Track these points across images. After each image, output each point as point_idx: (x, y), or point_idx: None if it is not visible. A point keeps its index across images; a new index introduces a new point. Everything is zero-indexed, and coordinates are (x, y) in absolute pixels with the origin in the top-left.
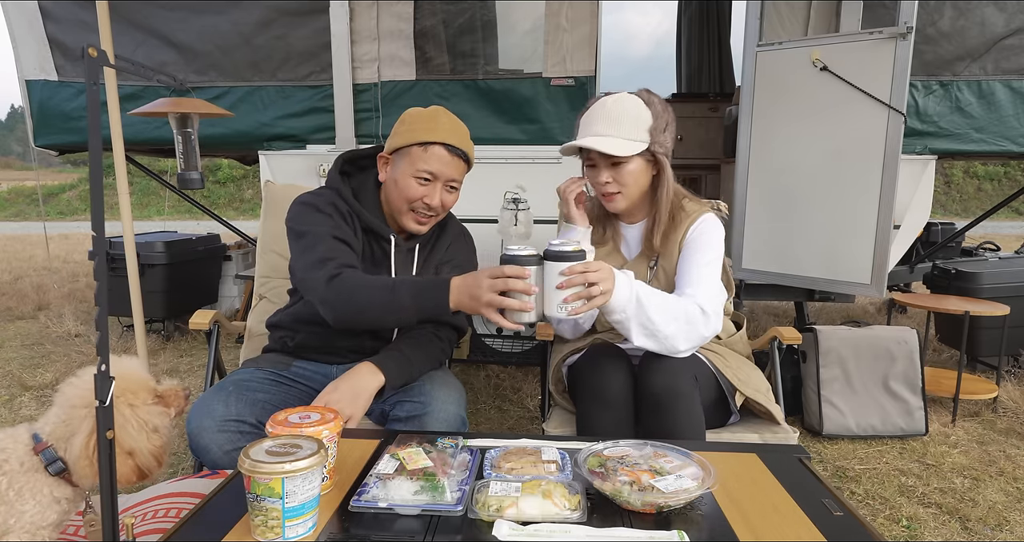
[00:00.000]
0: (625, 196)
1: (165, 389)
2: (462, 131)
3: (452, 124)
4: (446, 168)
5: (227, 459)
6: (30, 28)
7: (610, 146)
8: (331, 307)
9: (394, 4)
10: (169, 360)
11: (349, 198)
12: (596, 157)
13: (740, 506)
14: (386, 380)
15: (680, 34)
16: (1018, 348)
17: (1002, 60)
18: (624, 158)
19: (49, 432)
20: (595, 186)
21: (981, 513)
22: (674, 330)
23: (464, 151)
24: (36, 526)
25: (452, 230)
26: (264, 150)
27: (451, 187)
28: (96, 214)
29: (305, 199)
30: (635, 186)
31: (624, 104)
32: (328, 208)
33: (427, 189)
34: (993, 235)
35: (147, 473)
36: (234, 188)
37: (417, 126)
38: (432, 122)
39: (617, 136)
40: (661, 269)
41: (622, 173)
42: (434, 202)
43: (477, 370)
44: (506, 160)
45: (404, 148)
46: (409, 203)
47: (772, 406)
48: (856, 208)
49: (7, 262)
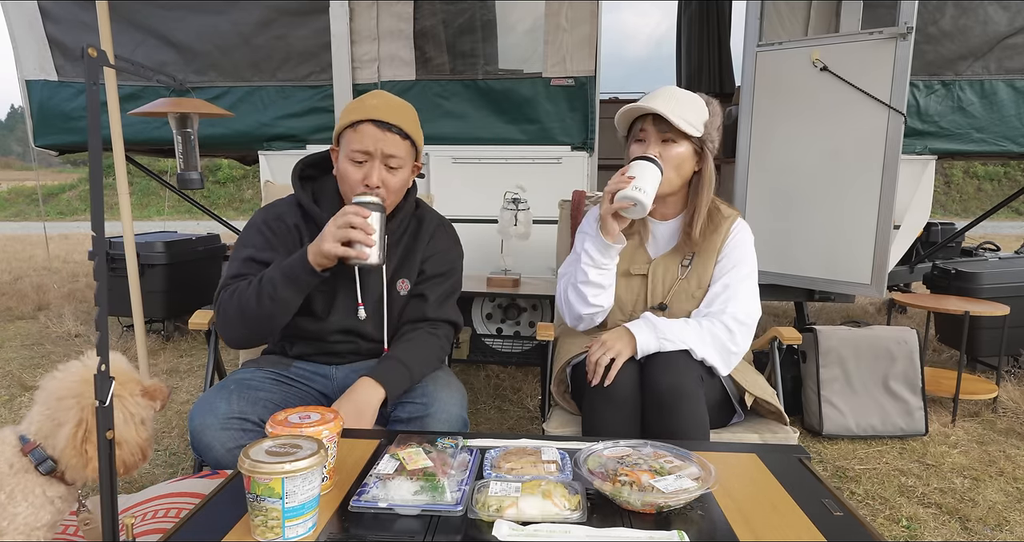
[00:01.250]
0: (669, 181)
1: (150, 384)
2: (397, 108)
3: (383, 101)
4: (378, 144)
5: (230, 457)
6: (30, 28)
7: (673, 115)
8: (220, 326)
9: (394, 4)
10: (169, 360)
11: (308, 205)
12: (649, 130)
13: (740, 506)
14: (387, 393)
15: (680, 34)
16: (1018, 348)
17: (1005, 59)
18: (676, 138)
19: (35, 431)
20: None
21: (981, 513)
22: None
23: (397, 125)
24: (31, 527)
25: (430, 223)
26: (264, 150)
27: (391, 166)
28: (96, 214)
29: (254, 217)
30: (677, 171)
31: (687, 93)
32: (273, 224)
33: (364, 169)
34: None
35: (130, 467)
36: (234, 188)
37: (348, 110)
38: (360, 102)
39: (679, 115)
40: (695, 270)
41: (670, 152)
42: (372, 181)
43: (477, 370)
44: (506, 160)
45: (341, 136)
46: (352, 188)
47: (780, 406)
48: (856, 208)
49: (7, 262)
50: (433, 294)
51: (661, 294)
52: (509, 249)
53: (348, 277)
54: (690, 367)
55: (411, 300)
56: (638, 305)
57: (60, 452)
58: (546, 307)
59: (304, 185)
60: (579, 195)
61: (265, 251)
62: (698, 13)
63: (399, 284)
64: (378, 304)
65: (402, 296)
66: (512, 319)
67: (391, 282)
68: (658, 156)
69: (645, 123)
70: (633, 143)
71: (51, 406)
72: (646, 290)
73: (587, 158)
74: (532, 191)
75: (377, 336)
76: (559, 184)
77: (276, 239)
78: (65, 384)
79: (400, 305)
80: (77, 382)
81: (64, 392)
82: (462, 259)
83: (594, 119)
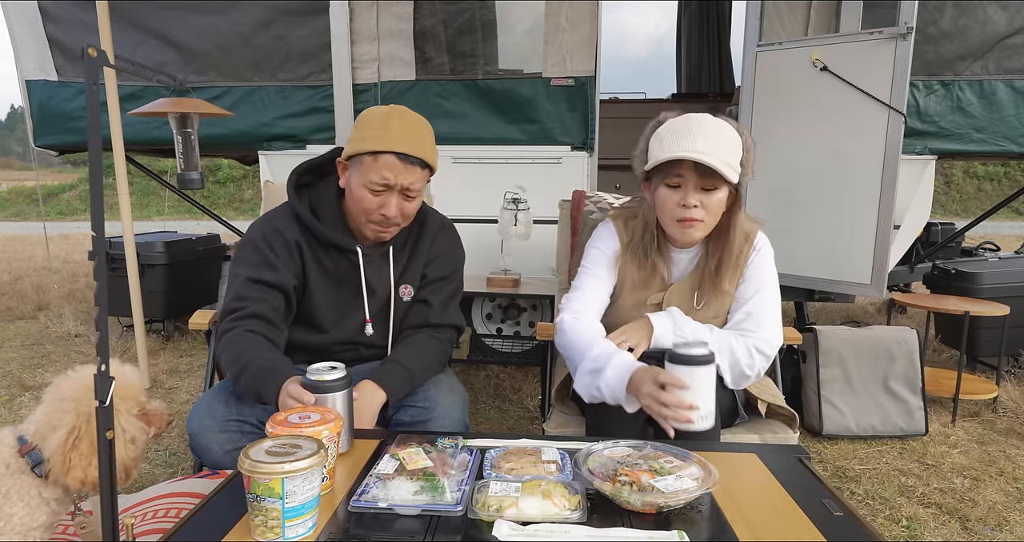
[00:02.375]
0: (706, 226)
1: (152, 408)
2: (418, 135)
3: (404, 129)
4: (399, 177)
5: (228, 459)
6: (30, 28)
7: (723, 166)
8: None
9: (394, 4)
10: (169, 360)
11: (305, 215)
12: (687, 176)
13: (740, 506)
14: (388, 396)
15: (680, 34)
16: (1018, 348)
17: (1004, 59)
18: (717, 184)
19: (33, 432)
20: (672, 209)
21: (981, 513)
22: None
23: (419, 158)
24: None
25: (432, 225)
26: (264, 150)
27: (408, 195)
28: (96, 214)
29: (252, 231)
30: (716, 218)
31: (722, 126)
32: (272, 238)
33: (382, 199)
34: (993, 235)
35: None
36: (234, 188)
37: (368, 134)
38: (383, 129)
39: (723, 160)
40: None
41: (712, 200)
42: (390, 213)
43: (477, 370)
44: (506, 160)
45: (356, 156)
46: (366, 215)
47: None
48: (856, 208)
49: (7, 262)
50: (437, 299)
51: None
52: (509, 249)
53: (355, 292)
54: None
55: (414, 304)
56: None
57: (49, 454)
58: (546, 307)
59: (300, 195)
60: (579, 195)
61: (264, 270)
62: (698, 13)
63: (402, 290)
64: (382, 312)
65: (405, 302)
66: (512, 319)
67: (395, 289)
68: (699, 204)
69: (683, 169)
70: (662, 187)
71: (53, 406)
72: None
73: (587, 158)
74: (532, 191)
75: (381, 342)
76: (559, 184)
77: (275, 256)
78: (72, 385)
79: (403, 310)
80: (83, 386)
81: (68, 393)
82: (463, 261)
83: (594, 119)
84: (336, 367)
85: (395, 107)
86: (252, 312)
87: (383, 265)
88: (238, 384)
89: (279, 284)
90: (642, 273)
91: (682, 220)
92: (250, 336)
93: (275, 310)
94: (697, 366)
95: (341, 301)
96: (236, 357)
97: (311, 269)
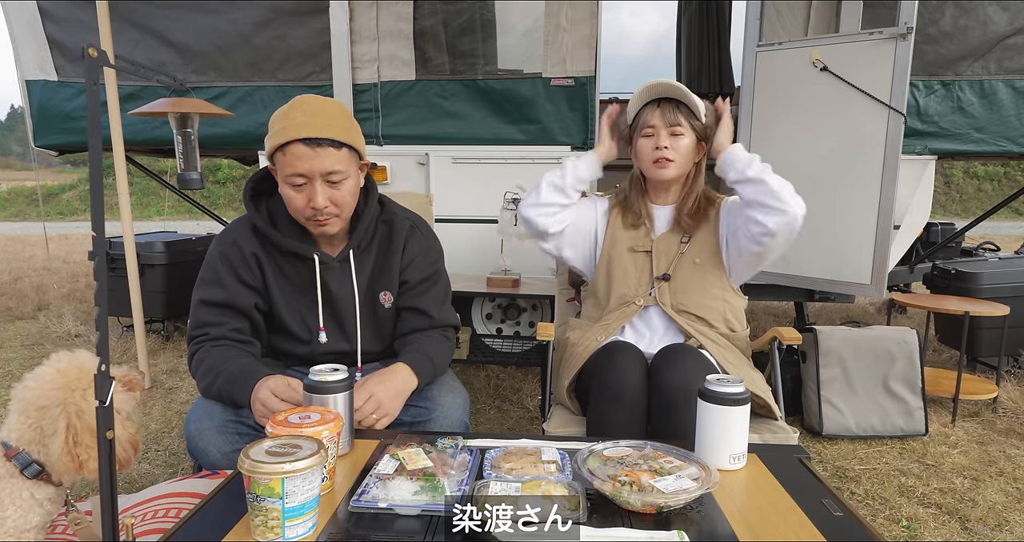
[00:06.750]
0: (676, 165)
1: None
2: (323, 116)
3: (306, 114)
4: (313, 164)
5: (226, 461)
6: (30, 28)
7: (686, 96)
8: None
9: (394, 4)
10: (169, 360)
11: (261, 225)
12: (657, 124)
13: (740, 506)
14: (418, 384)
15: (680, 34)
16: (1018, 348)
17: (1005, 59)
18: (683, 131)
19: (16, 438)
20: (649, 154)
21: (981, 513)
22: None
23: (328, 138)
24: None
25: (400, 227)
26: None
27: (331, 181)
28: (96, 214)
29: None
30: (685, 160)
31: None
32: (229, 253)
33: (306, 192)
34: (993, 235)
35: (124, 464)
36: (234, 188)
37: (273, 130)
38: (284, 120)
39: (690, 100)
40: (694, 243)
41: (679, 144)
42: (319, 203)
43: (477, 370)
44: (506, 160)
45: (272, 157)
46: (300, 213)
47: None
48: (856, 208)
49: (7, 262)
50: (429, 302)
51: (665, 266)
52: (509, 249)
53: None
54: (699, 366)
55: (408, 313)
56: (643, 278)
57: (55, 459)
58: (546, 307)
59: (258, 204)
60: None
61: (215, 289)
62: (698, 13)
63: (382, 297)
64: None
65: (387, 308)
66: (512, 319)
67: (372, 296)
68: (669, 146)
69: (652, 116)
70: (640, 139)
71: (32, 416)
72: (650, 263)
73: None
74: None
75: (374, 349)
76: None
77: (231, 273)
78: (42, 394)
79: (389, 317)
80: (56, 390)
81: (45, 401)
82: (443, 256)
83: (594, 119)
84: (338, 368)
85: (298, 97)
86: (213, 337)
87: (344, 274)
88: (211, 394)
89: (233, 304)
90: (631, 230)
91: (656, 160)
92: (218, 349)
93: (237, 331)
94: (731, 406)
95: (305, 309)
96: (208, 369)
97: (273, 280)
